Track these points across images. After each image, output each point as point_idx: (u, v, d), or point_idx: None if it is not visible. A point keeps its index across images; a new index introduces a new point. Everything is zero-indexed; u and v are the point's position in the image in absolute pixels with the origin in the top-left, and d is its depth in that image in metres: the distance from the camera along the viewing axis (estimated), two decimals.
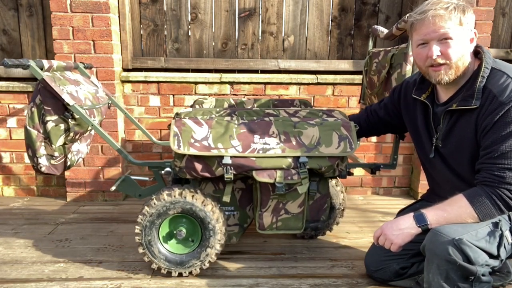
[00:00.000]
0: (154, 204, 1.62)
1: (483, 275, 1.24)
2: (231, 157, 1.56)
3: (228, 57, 2.81)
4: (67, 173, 2.66)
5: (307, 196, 1.68)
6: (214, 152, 1.55)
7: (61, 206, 2.62)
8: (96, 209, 2.57)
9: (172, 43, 2.78)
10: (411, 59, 1.67)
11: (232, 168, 1.57)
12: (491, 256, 1.27)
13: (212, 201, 1.66)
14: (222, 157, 1.56)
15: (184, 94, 2.73)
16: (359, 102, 2.26)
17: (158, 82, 2.71)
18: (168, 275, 1.70)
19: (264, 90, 2.74)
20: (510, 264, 1.59)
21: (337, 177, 1.73)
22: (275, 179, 1.56)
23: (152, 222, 1.63)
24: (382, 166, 1.97)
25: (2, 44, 2.71)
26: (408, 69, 1.70)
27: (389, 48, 1.88)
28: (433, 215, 1.30)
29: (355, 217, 2.46)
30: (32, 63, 1.59)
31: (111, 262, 1.85)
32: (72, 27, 2.47)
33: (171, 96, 2.74)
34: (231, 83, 2.73)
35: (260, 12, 2.75)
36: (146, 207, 1.63)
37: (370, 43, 2.16)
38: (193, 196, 1.63)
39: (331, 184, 2.05)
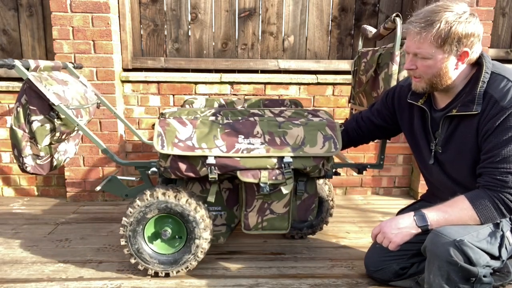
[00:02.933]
0: (131, 212, 1.62)
1: (484, 276, 1.24)
2: (215, 157, 1.56)
3: (228, 57, 2.81)
4: (66, 173, 2.66)
5: (294, 196, 1.69)
6: (198, 152, 1.55)
7: (61, 206, 2.62)
8: (96, 209, 2.57)
9: (172, 43, 2.78)
10: (397, 59, 1.68)
11: (216, 168, 1.57)
12: (492, 257, 1.27)
13: (186, 194, 1.65)
14: (206, 157, 1.56)
15: (184, 94, 2.73)
16: (349, 102, 2.25)
17: (158, 82, 2.71)
18: (167, 276, 1.70)
19: (264, 90, 2.74)
20: (510, 264, 1.59)
21: (324, 178, 1.73)
22: (260, 179, 1.56)
23: (134, 230, 1.63)
24: (369, 166, 1.96)
25: (2, 44, 2.71)
26: (394, 69, 1.69)
27: (377, 48, 1.88)
28: (434, 216, 1.30)
29: (355, 217, 2.46)
30: (17, 63, 1.59)
31: (111, 262, 1.85)
32: (72, 27, 2.47)
33: (171, 96, 2.74)
34: (231, 83, 2.73)
35: (260, 12, 2.75)
36: (124, 218, 1.63)
37: (360, 43, 2.16)
38: (164, 193, 1.62)
39: (322, 189, 2.06)
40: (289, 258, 1.92)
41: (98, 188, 1.77)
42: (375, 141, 2.62)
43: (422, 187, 2.73)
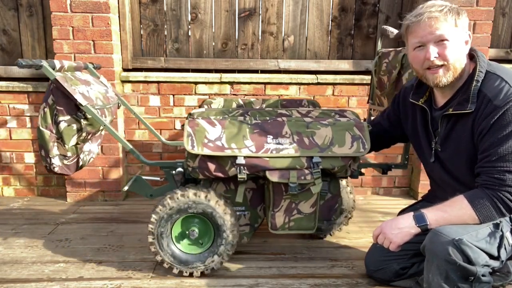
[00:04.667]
0: (177, 199, 1.62)
1: (483, 275, 1.24)
2: (244, 157, 1.56)
3: (228, 57, 2.81)
4: None
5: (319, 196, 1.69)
6: (228, 152, 1.56)
7: (61, 206, 2.62)
8: (96, 209, 2.57)
9: (172, 43, 2.78)
10: None
11: (245, 168, 1.58)
12: (491, 257, 1.27)
13: (232, 212, 1.67)
14: (235, 157, 1.57)
15: (184, 94, 2.73)
16: (368, 103, 2.25)
17: (158, 82, 2.71)
18: (170, 270, 1.70)
19: (264, 90, 2.74)
20: (510, 264, 1.59)
21: (349, 177, 1.74)
22: (289, 179, 1.57)
23: (170, 216, 1.63)
24: (393, 166, 1.97)
25: (2, 44, 2.71)
26: None
27: (400, 49, 1.88)
28: (433, 215, 1.30)
29: (355, 217, 2.45)
30: (44, 63, 1.59)
31: (111, 262, 1.85)
32: (72, 27, 2.47)
33: (171, 96, 2.74)
34: (231, 83, 2.72)
35: (260, 12, 2.75)
36: (168, 200, 1.63)
37: (379, 43, 2.15)
38: (217, 201, 1.64)
39: (345, 190, 2.06)
40: (289, 258, 1.92)
41: (126, 188, 1.77)
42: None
43: (422, 187, 2.73)
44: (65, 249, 1.98)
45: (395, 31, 1.95)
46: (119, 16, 2.65)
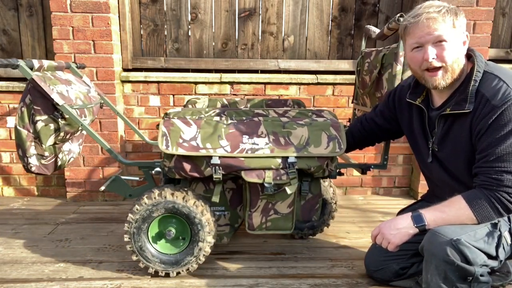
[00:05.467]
0: (137, 210, 1.62)
1: (481, 275, 1.25)
2: (219, 157, 1.56)
3: (228, 57, 2.81)
4: (67, 173, 2.66)
5: (299, 196, 1.69)
6: (203, 152, 1.55)
7: (61, 206, 2.62)
8: (96, 209, 2.57)
9: (172, 43, 2.78)
10: (401, 59, 1.67)
11: (220, 168, 1.57)
12: (489, 256, 1.28)
13: (194, 196, 1.65)
14: (210, 157, 1.56)
15: (184, 94, 2.74)
16: (352, 102, 2.26)
17: (158, 82, 2.71)
18: (167, 276, 1.70)
19: (264, 90, 2.74)
20: (510, 264, 1.59)
21: (327, 178, 1.73)
22: (264, 179, 1.56)
23: (139, 227, 1.63)
24: (372, 166, 1.97)
25: (2, 44, 2.71)
26: (398, 69, 1.70)
27: (381, 48, 1.89)
28: (431, 215, 1.30)
29: (355, 217, 2.46)
30: (21, 62, 1.58)
31: (111, 262, 1.85)
32: (72, 27, 2.47)
33: (171, 96, 2.74)
34: (231, 83, 2.73)
35: (260, 12, 2.75)
36: (130, 215, 1.63)
37: (363, 43, 2.17)
38: (173, 194, 1.63)
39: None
40: (289, 258, 1.92)
41: (102, 188, 1.76)
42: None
43: (422, 187, 2.73)
44: (65, 249, 1.99)
45: (377, 31, 1.96)
46: (119, 16, 2.65)
